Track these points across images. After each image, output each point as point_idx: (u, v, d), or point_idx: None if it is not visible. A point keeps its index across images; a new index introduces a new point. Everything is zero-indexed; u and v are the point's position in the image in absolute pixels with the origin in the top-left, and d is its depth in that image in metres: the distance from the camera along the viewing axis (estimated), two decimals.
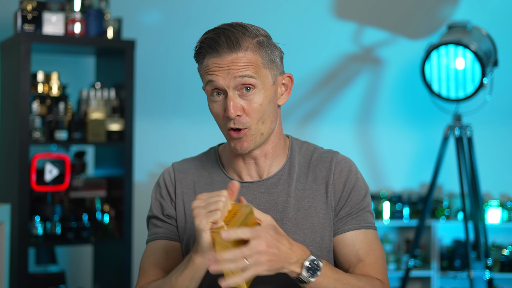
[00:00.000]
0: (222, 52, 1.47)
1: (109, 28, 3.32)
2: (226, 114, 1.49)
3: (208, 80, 1.49)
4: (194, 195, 1.60)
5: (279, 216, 1.55)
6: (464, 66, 3.61)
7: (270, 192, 1.57)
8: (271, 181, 1.58)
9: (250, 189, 1.58)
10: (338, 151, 1.64)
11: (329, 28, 4.27)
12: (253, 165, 1.59)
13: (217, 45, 1.47)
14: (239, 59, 1.47)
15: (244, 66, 1.47)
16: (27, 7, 3.22)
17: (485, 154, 4.27)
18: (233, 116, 1.48)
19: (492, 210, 4.14)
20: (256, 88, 1.49)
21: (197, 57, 1.54)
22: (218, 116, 1.52)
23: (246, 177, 1.60)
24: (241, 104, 1.49)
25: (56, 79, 3.27)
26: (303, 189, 1.58)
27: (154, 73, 4.01)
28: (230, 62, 1.47)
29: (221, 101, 1.50)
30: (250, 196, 1.57)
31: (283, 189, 1.58)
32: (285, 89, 1.58)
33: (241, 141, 1.51)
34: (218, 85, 1.48)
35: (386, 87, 4.36)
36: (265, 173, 1.60)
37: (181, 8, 4.09)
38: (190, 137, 3.97)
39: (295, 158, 1.62)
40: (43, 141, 3.16)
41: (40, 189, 3.15)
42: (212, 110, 1.53)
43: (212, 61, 1.49)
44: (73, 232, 3.19)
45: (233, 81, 1.47)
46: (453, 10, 4.35)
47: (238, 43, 1.48)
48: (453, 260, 4.08)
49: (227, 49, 1.47)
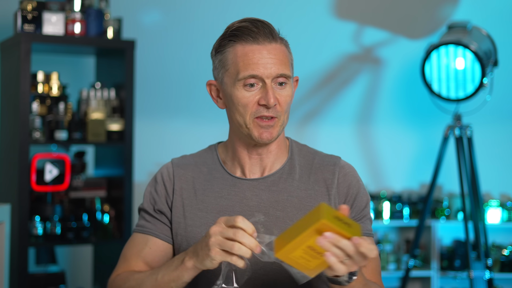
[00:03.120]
0: (262, 40, 1.50)
1: (109, 28, 3.32)
2: (262, 102, 1.50)
3: (249, 69, 1.49)
4: (193, 191, 1.60)
5: (279, 214, 1.55)
6: (464, 66, 3.61)
7: (271, 191, 1.58)
8: (272, 179, 1.59)
9: (251, 185, 1.58)
10: (339, 156, 1.65)
11: (329, 28, 4.27)
12: (257, 160, 1.60)
13: (255, 33, 1.50)
14: (277, 49, 1.51)
15: (282, 59, 1.52)
16: (27, 7, 3.22)
17: (485, 154, 4.27)
18: (272, 105, 1.50)
19: (492, 210, 4.14)
20: (288, 81, 1.53)
21: (223, 46, 1.54)
22: (247, 105, 1.51)
23: (248, 174, 1.60)
24: (276, 96, 1.52)
25: (56, 79, 3.27)
26: (305, 189, 1.58)
27: (154, 73, 4.01)
28: (271, 52, 1.50)
29: (255, 91, 1.51)
30: (250, 193, 1.57)
31: (284, 188, 1.58)
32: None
33: (269, 130, 1.52)
34: (259, 74, 1.50)
35: (386, 87, 4.36)
36: (267, 170, 1.60)
37: (181, 8, 4.09)
38: (190, 137, 3.97)
39: (295, 159, 1.63)
40: (43, 141, 3.16)
41: (40, 189, 3.15)
42: (241, 100, 1.52)
43: (252, 49, 1.50)
44: (73, 232, 3.19)
45: (275, 72, 1.50)
46: (453, 10, 4.35)
47: (273, 33, 1.52)
48: (453, 260, 4.08)
49: (266, 38, 1.50)
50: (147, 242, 1.60)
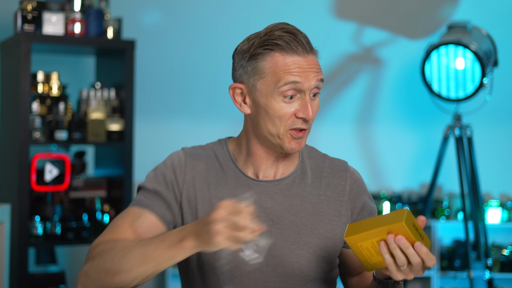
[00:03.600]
0: (301, 51, 1.50)
1: (109, 28, 3.32)
2: (301, 115, 1.49)
3: (292, 81, 1.47)
4: (206, 184, 1.56)
5: (293, 218, 1.55)
6: (464, 66, 3.61)
7: (285, 194, 1.57)
8: (285, 182, 1.58)
9: (265, 188, 1.57)
10: (346, 161, 1.67)
11: (329, 28, 4.27)
12: (273, 163, 1.58)
13: (296, 43, 1.50)
14: (314, 61, 1.51)
15: (319, 70, 1.52)
16: (27, 7, 3.22)
17: (485, 154, 4.27)
18: (310, 118, 1.50)
19: (492, 210, 4.14)
20: (319, 92, 1.53)
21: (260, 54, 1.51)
22: (283, 117, 1.49)
23: (261, 175, 1.58)
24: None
25: (56, 79, 3.27)
26: (317, 195, 1.58)
27: (154, 73, 4.01)
28: (310, 63, 1.50)
29: (293, 102, 1.50)
30: (265, 196, 1.56)
31: (297, 192, 1.58)
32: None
33: (300, 141, 1.52)
34: (301, 87, 1.48)
35: (386, 87, 4.36)
36: (280, 173, 1.59)
37: (181, 8, 4.09)
38: (190, 137, 3.96)
39: (306, 162, 1.62)
40: (43, 141, 3.16)
41: (40, 189, 3.15)
42: (278, 111, 1.49)
43: (293, 60, 1.49)
44: (73, 232, 3.19)
45: (314, 84, 1.50)
46: (453, 10, 4.35)
47: (310, 45, 1.53)
48: (453, 260, 4.08)
49: (304, 49, 1.50)
50: (141, 214, 1.52)
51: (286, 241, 1.53)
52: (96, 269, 1.42)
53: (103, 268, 1.41)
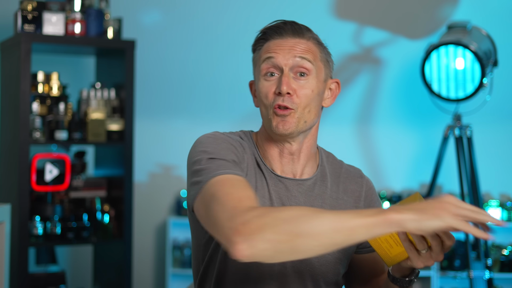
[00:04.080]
0: (286, 35, 1.53)
1: (109, 28, 3.33)
2: (277, 90, 1.50)
3: (267, 57, 1.52)
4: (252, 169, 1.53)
5: None
6: (464, 66, 3.61)
7: (308, 195, 1.57)
8: (308, 183, 1.58)
9: (289, 185, 1.56)
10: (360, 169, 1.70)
11: (329, 28, 4.27)
12: (290, 161, 1.57)
13: (282, 29, 1.54)
14: (301, 43, 1.53)
15: (305, 50, 1.52)
16: (27, 7, 3.22)
17: (485, 154, 4.27)
18: (285, 92, 1.49)
19: (492, 210, 4.14)
20: (311, 75, 1.53)
21: (256, 44, 1.57)
22: (267, 95, 1.52)
23: (281, 173, 1.57)
24: (293, 86, 1.51)
25: (56, 79, 3.27)
26: (336, 198, 1.60)
27: (154, 73, 4.01)
28: (292, 43, 1.53)
29: (274, 80, 1.52)
30: (288, 193, 1.56)
31: (319, 194, 1.59)
32: (331, 94, 1.61)
33: (285, 121, 1.50)
34: (276, 62, 1.51)
35: (386, 87, 4.36)
36: (299, 173, 1.59)
37: (181, 8, 4.09)
38: (190, 137, 3.94)
39: (325, 166, 1.64)
40: (43, 141, 3.16)
41: (40, 189, 3.15)
42: (262, 89, 1.53)
43: (275, 43, 1.53)
44: (73, 232, 3.19)
45: (292, 60, 1.51)
46: (453, 10, 4.35)
47: (302, 32, 1.54)
48: (453, 260, 4.08)
49: (291, 33, 1.53)
50: (242, 180, 1.38)
51: None
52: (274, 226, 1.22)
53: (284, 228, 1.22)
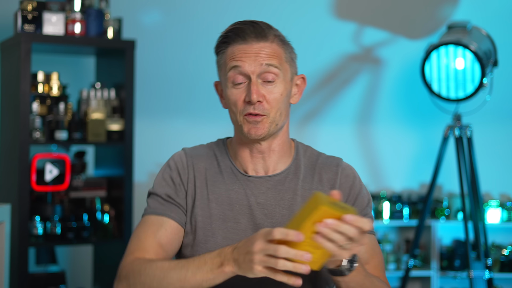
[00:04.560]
0: (250, 40, 1.53)
1: (109, 28, 3.33)
2: (247, 99, 1.52)
3: (233, 65, 1.53)
4: (205, 182, 1.61)
5: (285, 212, 1.58)
6: (464, 66, 3.61)
7: (277, 189, 1.60)
8: (278, 178, 1.61)
9: (257, 183, 1.60)
10: (341, 158, 1.68)
11: (329, 28, 4.27)
12: (260, 159, 1.61)
13: (245, 33, 1.53)
14: (266, 47, 1.53)
15: (270, 55, 1.53)
16: (27, 7, 3.22)
17: (485, 154, 4.27)
18: (255, 101, 1.51)
19: (492, 210, 4.14)
20: (278, 79, 1.54)
21: (219, 47, 1.58)
22: (236, 103, 1.54)
23: (252, 172, 1.62)
24: (262, 92, 1.53)
25: (56, 79, 3.27)
26: (309, 189, 1.61)
27: (154, 73, 4.01)
28: (257, 49, 1.53)
29: (243, 88, 1.54)
30: (257, 191, 1.59)
31: (290, 187, 1.61)
32: (297, 89, 1.63)
33: (257, 127, 1.54)
34: (243, 71, 1.52)
35: (386, 87, 4.36)
36: (271, 170, 1.62)
37: (181, 8, 4.09)
38: (190, 137, 3.96)
39: (301, 159, 1.65)
40: (43, 141, 3.16)
41: (40, 189, 3.15)
42: (231, 97, 1.55)
43: (239, 48, 1.53)
44: (73, 232, 3.19)
45: (259, 68, 1.52)
46: (453, 10, 4.35)
47: (265, 34, 1.54)
48: (453, 260, 4.08)
49: (255, 37, 1.53)
50: (162, 223, 1.56)
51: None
52: (134, 286, 1.46)
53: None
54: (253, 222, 1.57)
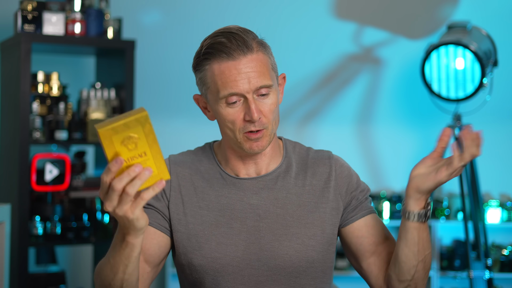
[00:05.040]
0: (236, 55, 1.48)
1: (109, 28, 3.33)
2: (247, 118, 1.50)
3: (229, 92, 1.49)
4: (193, 188, 1.60)
5: (279, 211, 1.58)
6: (464, 66, 3.61)
7: (270, 188, 1.60)
8: (270, 178, 1.61)
9: (250, 185, 1.60)
10: (330, 151, 1.69)
11: (329, 28, 4.27)
12: (252, 165, 1.61)
13: (229, 49, 1.48)
14: (253, 60, 1.49)
15: (259, 70, 1.49)
16: (27, 7, 3.22)
17: (485, 154, 4.24)
18: (257, 119, 1.49)
19: (492, 210, 4.14)
20: (271, 89, 1.52)
21: (200, 65, 1.53)
22: (235, 122, 1.51)
23: (244, 176, 1.62)
24: (260, 108, 1.51)
25: (56, 79, 3.27)
26: (302, 186, 1.61)
27: (154, 73, 4.01)
28: (247, 65, 1.48)
29: (238, 106, 1.51)
30: (250, 192, 1.59)
31: (282, 185, 1.61)
32: (281, 89, 1.62)
33: (259, 141, 1.53)
34: (239, 92, 1.49)
35: (386, 87, 4.36)
36: (263, 171, 1.62)
37: (181, 8, 4.09)
38: (190, 137, 3.97)
39: (291, 157, 1.65)
40: (43, 141, 3.16)
41: (40, 189, 3.15)
42: (227, 117, 1.51)
43: (227, 66, 1.49)
44: (73, 232, 3.19)
45: (253, 85, 1.49)
46: (453, 10, 4.35)
47: (248, 44, 1.50)
48: (453, 260, 4.08)
49: (241, 51, 1.48)
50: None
51: (275, 234, 1.56)
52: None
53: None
54: (246, 225, 1.57)
